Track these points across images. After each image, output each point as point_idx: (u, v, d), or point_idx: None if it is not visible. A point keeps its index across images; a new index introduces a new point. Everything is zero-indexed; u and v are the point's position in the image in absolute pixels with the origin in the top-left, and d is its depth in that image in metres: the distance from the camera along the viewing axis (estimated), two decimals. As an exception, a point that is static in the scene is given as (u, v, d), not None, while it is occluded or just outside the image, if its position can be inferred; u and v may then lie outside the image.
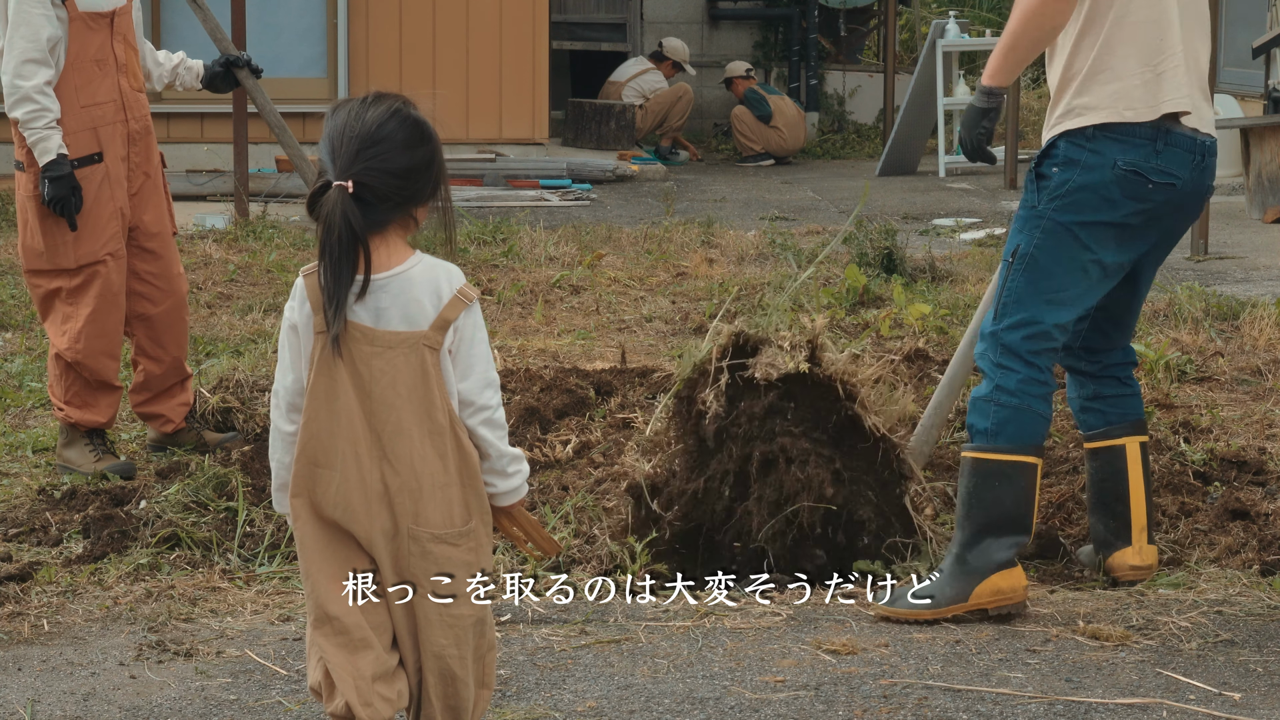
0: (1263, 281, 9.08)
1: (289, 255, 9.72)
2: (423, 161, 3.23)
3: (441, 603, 3.26)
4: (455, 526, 3.24)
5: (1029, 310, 4.41)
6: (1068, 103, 4.41)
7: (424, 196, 3.26)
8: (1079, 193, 4.37)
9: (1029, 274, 4.42)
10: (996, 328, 4.45)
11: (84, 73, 5.64)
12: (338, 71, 13.96)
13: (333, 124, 3.23)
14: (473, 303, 3.25)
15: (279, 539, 4.99)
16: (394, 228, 3.23)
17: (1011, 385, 4.39)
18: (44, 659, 4.16)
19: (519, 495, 3.34)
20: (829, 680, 3.99)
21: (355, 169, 3.17)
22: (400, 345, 3.20)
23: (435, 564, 3.24)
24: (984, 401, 4.43)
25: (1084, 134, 4.37)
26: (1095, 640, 4.25)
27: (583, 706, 3.84)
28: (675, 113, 16.21)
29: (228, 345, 7.56)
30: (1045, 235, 4.40)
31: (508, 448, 3.29)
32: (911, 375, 6.49)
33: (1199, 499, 5.23)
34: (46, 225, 5.66)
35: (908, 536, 4.78)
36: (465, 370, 3.24)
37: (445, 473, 3.22)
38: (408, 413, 3.20)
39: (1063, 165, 4.39)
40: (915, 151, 15.36)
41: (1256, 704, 3.87)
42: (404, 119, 3.23)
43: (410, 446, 3.21)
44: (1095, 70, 4.37)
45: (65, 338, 5.72)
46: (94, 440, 5.81)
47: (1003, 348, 4.42)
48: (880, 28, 19.22)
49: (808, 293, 7.98)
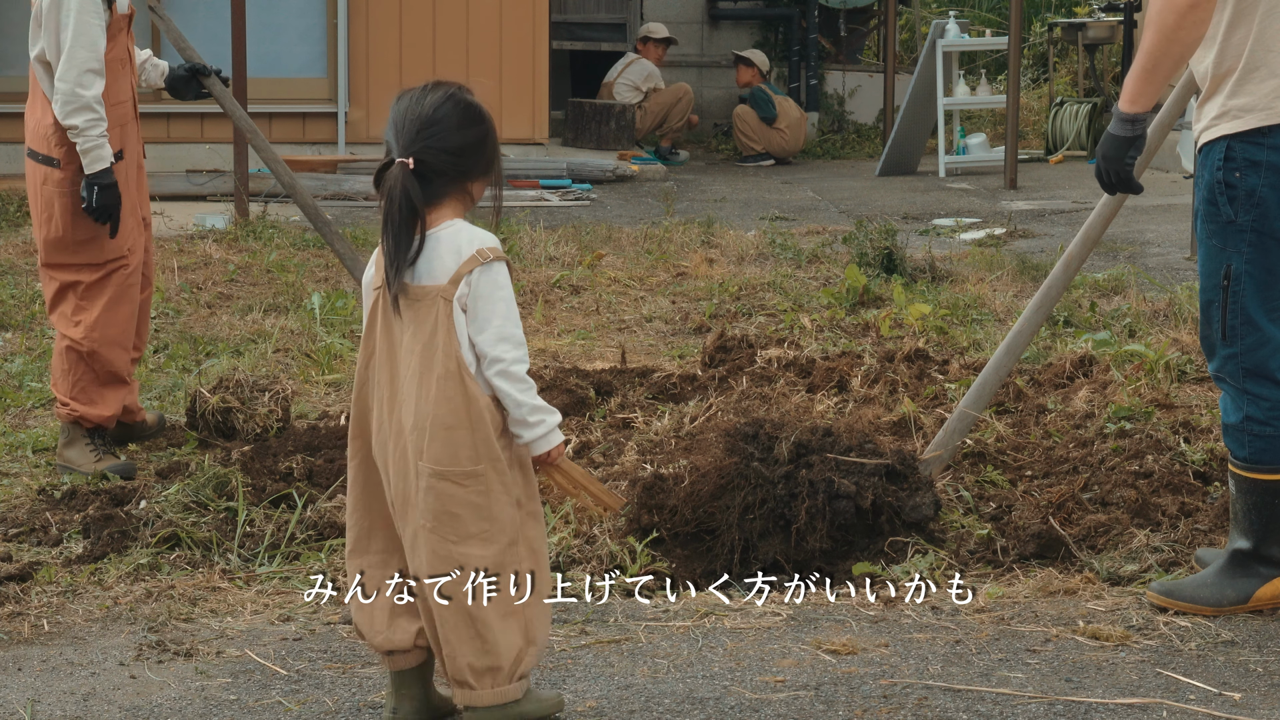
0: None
1: (289, 255, 9.72)
2: (475, 140, 3.59)
3: (447, 542, 3.52)
4: (460, 466, 3.51)
5: (1263, 328, 4.30)
6: (1222, 103, 4.25)
7: (477, 173, 3.62)
8: (1272, 195, 4.23)
9: (1250, 290, 4.29)
10: (1234, 350, 4.33)
11: (112, 73, 5.77)
12: (338, 71, 13.96)
13: (396, 109, 3.59)
14: (491, 261, 3.54)
15: (279, 539, 4.99)
16: (449, 201, 3.59)
17: (1262, 414, 4.33)
18: (44, 659, 4.16)
19: (548, 445, 3.59)
20: (829, 680, 3.99)
21: (415, 147, 3.54)
22: (424, 298, 3.54)
23: (439, 500, 3.52)
24: (1237, 430, 4.37)
25: (1259, 130, 4.21)
26: (1095, 640, 4.25)
27: (583, 706, 3.84)
28: (675, 113, 16.20)
29: (228, 345, 7.56)
30: (1254, 250, 4.27)
31: (528, 399, 3.55)
32: (911, 375, 6.49)
33: (1199, 499, 5.23)
34: (77, 222, 5.76)
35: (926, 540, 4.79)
36: (481, 324, 3.54)
37: (452, 415, 3.51)
38: (421, 359, 3.53)
39: (1245, 170, 4.23)
40: (915, 151, 15.36)
41: (1256, 704, 3.87)
42: (458, 102, 3.58)
43: (420, 389, 3.52)
44: (1250, 68, 4.22)
45: (80, 328, 5.80)
46: (95, 440, 5.83)
47: (1246, 372, 4.33)
48: (880, 28, 19.21)
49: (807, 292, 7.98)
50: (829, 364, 6.55)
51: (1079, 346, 7.00)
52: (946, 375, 6.53)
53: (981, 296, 8.45)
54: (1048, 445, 5.71)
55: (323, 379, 6.97)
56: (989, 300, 8.39)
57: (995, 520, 5.10)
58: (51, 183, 5.74)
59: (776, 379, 6.44)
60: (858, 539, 4.84)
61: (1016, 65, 13.72)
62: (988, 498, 5.28)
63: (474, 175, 3.61)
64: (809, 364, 6.61)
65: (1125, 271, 9.03)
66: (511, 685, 3.57)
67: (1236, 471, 4.41)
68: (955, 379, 6.44)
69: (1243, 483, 4.41)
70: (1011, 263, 9.37)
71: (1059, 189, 13.62)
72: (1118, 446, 5.60)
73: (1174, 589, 4.43)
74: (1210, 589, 4.41)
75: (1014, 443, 5.73)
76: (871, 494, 4.80)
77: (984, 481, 5.41)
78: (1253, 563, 4.41)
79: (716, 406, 6.03)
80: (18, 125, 6.57)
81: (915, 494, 4.90)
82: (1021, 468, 5.54)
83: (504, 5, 14.12)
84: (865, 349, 7.06)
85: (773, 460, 4.86)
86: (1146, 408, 6.00)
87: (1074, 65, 18.88)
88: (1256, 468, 4.37)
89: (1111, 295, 8.50)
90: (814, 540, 4.75)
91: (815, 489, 4.76)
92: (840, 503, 4.78)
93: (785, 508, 4.77)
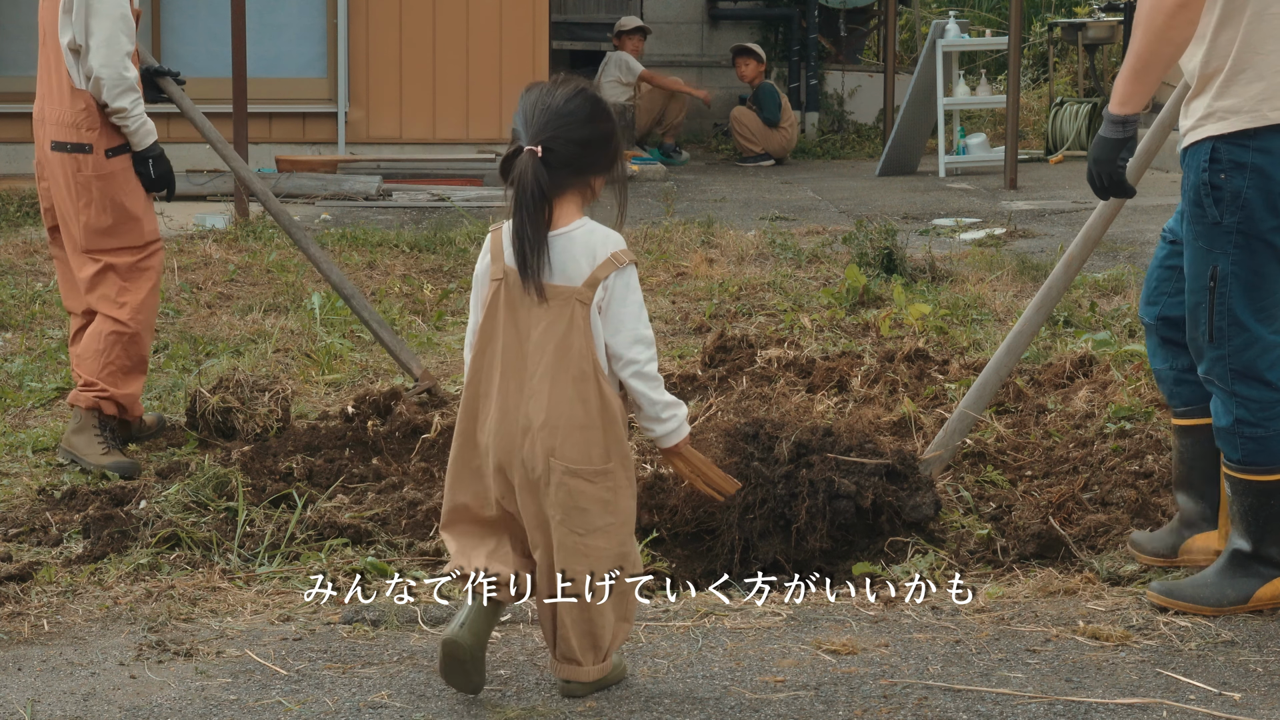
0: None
1: (289, 255, 9.71)
2: (602, 135, 3.70)
3: (574, 534, 3.68)
4: (592, 464, 3.68)
5: (1250, 328, 4.29)
6: (1209, 104, 4.25)
7: (601, 167, 3.72)
8: (1258, 196, 4.22)
9: (1237, 292, 4.28)
10: (1222, 352, 4.32)
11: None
12: (338, 71, 13.95)
13: (526, 100, 3.70)
14: (625, 265, 3.66)
15: (279, 539, 4.99)
16: (572, 192, 3.69)
17: (1253, 416, 4.32)
18: (44, 659, 4.16)
19: (677, 438, 3.78)
20: (829, 680, 3.99)
21: (543, 136, 3.63)
22: (556, 298, 3.64)
23: (570, 496, 3.67)
24: (1229, 433, 4.36)
25: (1244, 132, 4.21)
26: (1095, 640, 4.25)
27: (583, 706, 3.84)
28: (673, 109, 16.17)
29: (228, 345, 7.56)
30: (1240, 250, 4.26)
31: (660, 396, 3.72)
32: (911, 375, 6.49)
33: (1199, 499, 5.23)
34: (116, 204, 5.91)
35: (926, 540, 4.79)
36: (615, 327, 3.66)
37: (586, 415, 3.66)
38: (555, 358, 3.64)
39: (1230, 172, 4.23)
40: (915, 151, 15.36)
41: (1256, 704, 3.87)
42: (588, 97, 3.70)
43: (554, 389, 3.64)
44: (1237, 69, 4.21)
45: (126, 309, 5.93)
46: (105, 433, 5.88)
47: (1234, 373, 4.32)
48: (880, 28, 19.21)
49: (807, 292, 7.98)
50: (829, 364, 6.55)
51: (1079, 346, 7.00)
52: (946, 375, 6.53)
53: (981, 296, 8.45)
54: (1048, 445, 5.71)
55: (323, 379, 6.97)
56: (989, 300, 8.39)
57: (995, 520, 5.10)
58: (87, 169, 5.86)
59: (776, 379, 6.44)
60: (858, 539, 4.84)
61: (1016, 65, 13.72)
62: (988, 498, 5.28)
63: (597, 169, 3.71)
64: (809, 364, 6.61)
65: (1125, 271, 9.03)
66: (607, 662, 3.84)
67: (1231, 474, 4.41)
68: (955, 379, 6.44)
69: (1237, 485, 4.41)
70: (1011, 263, 9.37)
71: (1059, 189, 13.62)
72: (1118, 446, 5.60)
73: (1174, 589, 4.43)
74: (1210, 589, 4.41)
75: (1014, 443, 5.73)
76: (872, 494, 4.81)
77: (984, 481, 5.41)
78: (1252, 563, 4.41)
79: (716, 406, 6.03)
80: (17, 125, 6.56)
81: (915, 494, 4.90)
82: (1021, 468, 5.54)
83: (504, 5, 14.12)
84: (865, 349, 7.06)
85: (773, 460, 4.86)
86: (1146, 408, 6.00)
87: (1074, 65, 18.88)
88: (1250, 469, 4.37)
89: (1111, 295, 8.51)
90: (814, 540, 4.75)
91: (815, 488, 4.76)
92: (840, 502, 4.78)
93: (785, 507, 4.77)
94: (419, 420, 5.94)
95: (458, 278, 9.23)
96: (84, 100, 5.83)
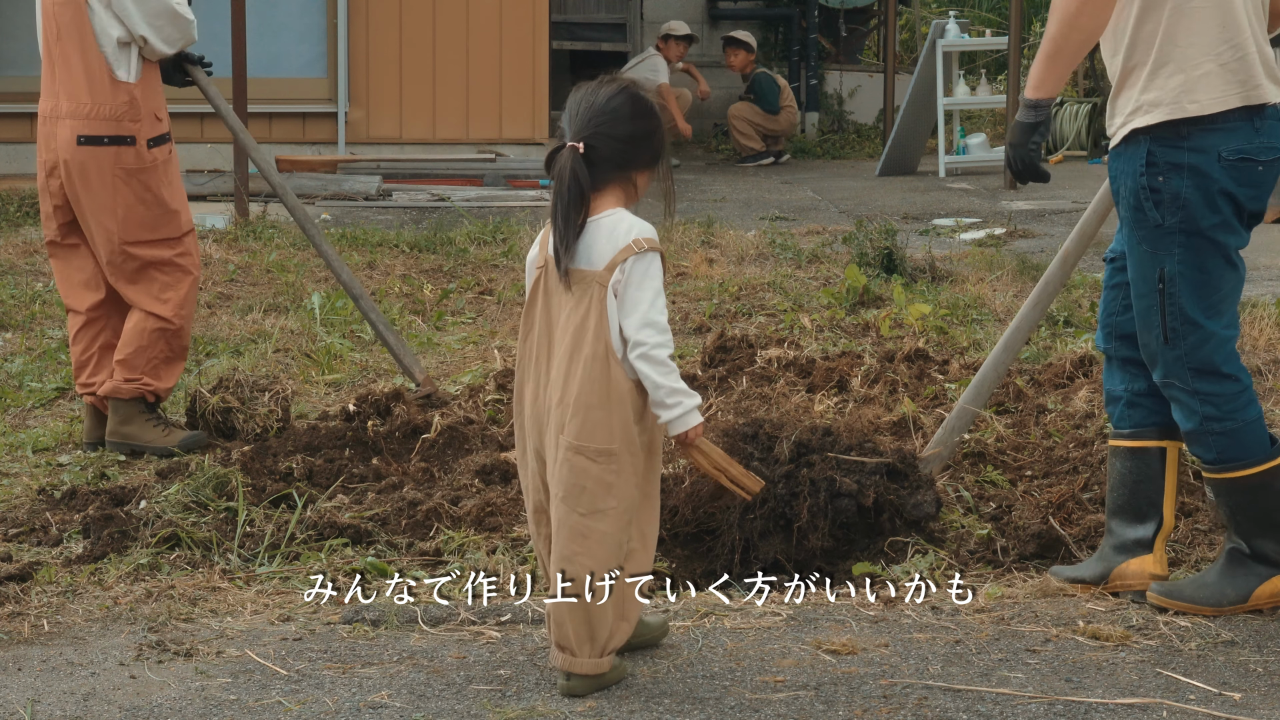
0: (1263, 281, 9.08)
1: (289, 255, 9.72)
2: (644, 132, 3.83)
3: (575, 513, 3.76)
4: (595, 444, 3.75)
5: (1203, 325, 4.29)
6: (1135, 98, 4.27)
7: (642, 164, 3.85)
8: (1196, 196, 4.24)
9: (1186, 291, 4.29)
10: (1179, 352, 4.32)
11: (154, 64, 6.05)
12: (338, 71, 13.95)
13: (572, 100, 3.82)
14: (645, 251, 3.76)
15: (279, 539, 4.99)
16: (612, 187, 3.82)
17: (1219, 411, 4.32)
18: (44, 659, 4.16)
19: (684, 426, 3.80)
20: (829, 680, 3.99)
21: (585, 133, 3.77)
22: (581, 282, 3.77)
23: (573, 473, 3.76)
24: (1199, 434, 4.34)
25: (1176, 131, 4.23)
26: (1095, 640, 4.25)
27: (583, 706, 3.84)
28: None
29: (228, 345, 7.56)
30: (1185, 250, 4.27)
31: (667, 381, 3.75)
32: (911, 375, 6.49)
33: (1199, 499, 5.23)
34: (156, 196, 5.96)
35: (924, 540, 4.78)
36: (629, 309, 3.75)
37: (595, 395, 3.75)
38: (574, 340, 3.76)
39: (1168, 173, 4.24)
40: (915, 151, 15.36)
41: (1256, 704, 3.87)
42: (631, 96, 3.83)
43: (570, 369, 3.76)
44: (1159, 63, 4.24)
45: (169, 305, 5.99)
46: (154, 414, 6.00)
47: (1193, 371, 4.31)
48: (880, 28, 19.22)
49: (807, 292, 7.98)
50: (829, 364, 6.55)
51: (1079, 346, 7.00)
52: (946, 375, 6.53)
53: (981, 296, 8.45)
54: (1048, 445, 5.71)
55: (323, 379, 6.97)
56: (989, 300, 8.39)
57: (995, 520, 5.10)
58: (127, 161, 5.90)
59: (776, 379, 6.44)
60: (859, 538, 4.84)
61: (1016, 65, 13.72)
62: (988, 498, 5.28)
63: (639, 165, 3.85)
64: (809, 364, 6.61)
65: (1125, 271, 9.02)
66: (603, 659, 3.85)
67: (1211, 477, 4.39)
68: (955, 379, 6.44)
69: (1219, 486, 4.39)
70: (1011, 263, 9.37)
71: (1059, 189, 13.62)
72: (1118, 446, 5.60)
73: (1174, 590, 4.43)
74: (1210, 589, 4.41)
75: (1014, 443, 5.73)
76: (873, 492, 4.80)
77: (984, 481, 5.41)
78: (1249, 561, 4.41)
79: (716, 406, 6.03)
80: (17, 125, 6.57)
81: (916, 492, 4.90)
82: (1021, 468, 5.54)
83: (504, 5, 14.12)
84: (865, 349, 7.06)
85: (772, 460, 4.86)
86: (1146, 408, 5.99)
87: (1074, 65, 18.87)
88: (1226, 467, 4.35)
89: (1111, 295, 8.50)
90: (816, 539, 4.75)
91: (817, 487, 4.76)
92: (842, 501, 4.78)
93: (786, 507, 4.77)
94: (419, 420, 5.94)
95: (457, 278, 9.23)
96: (127, 93, 5.88)
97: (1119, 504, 4.58)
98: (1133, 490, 4.55)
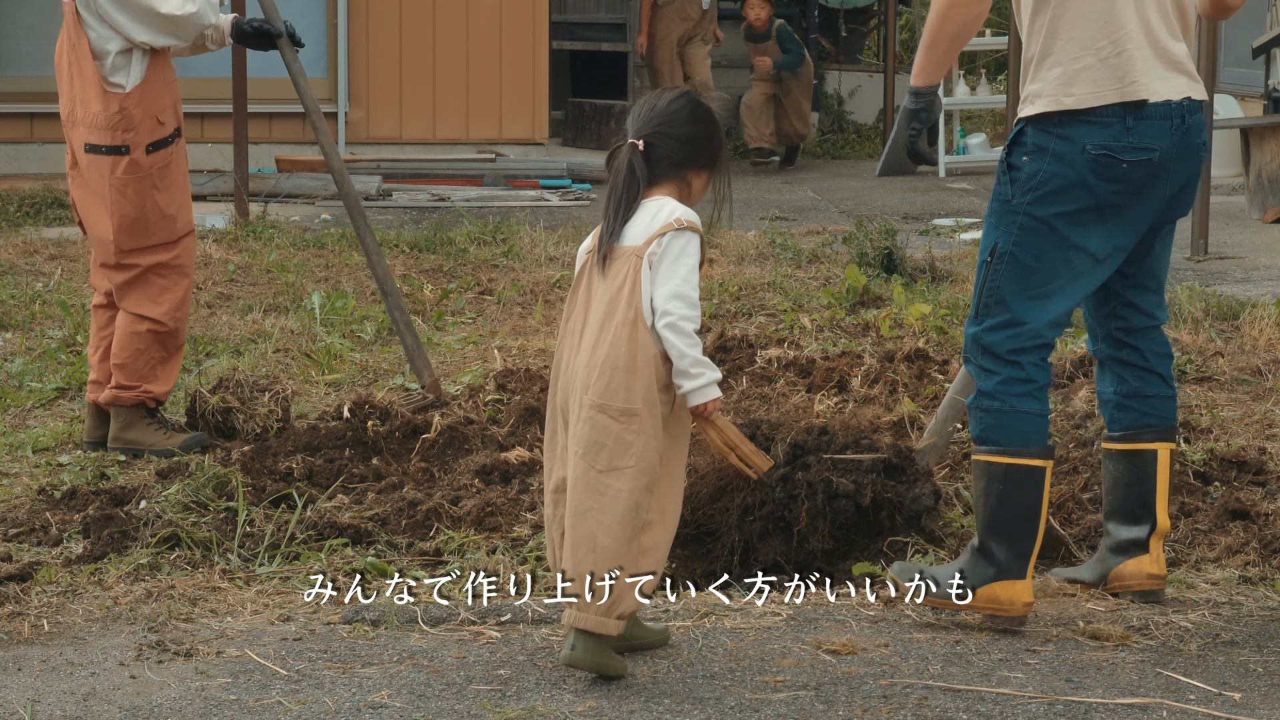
0: (1263, 281, 9.08)
1: (289, 255, 9.72)
2: (702, 134, 4.03)
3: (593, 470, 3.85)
4: (618, 403, 3.86)
5: (1013, 310, 4.31)
6: (1025, 89, 4.35)
7: (699, 164, 4.04)
8: (1052, 182, 4.26)
9: (1010, 272, 4.31)
10: (978, 329, 4.35)
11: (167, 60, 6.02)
12: (338, 71, 13.95)
13: (637, 105, 4.05)
14: (683, 229, 3.94)
15: (279, 539, 4.99)
16: (667, 184, 4.02)
17: (990, 388, 4.32)
18: (44, 659, 4.16)
19: (704, 397, 3.91)
20: (829, 680, 4.00)
21: (645, 132, 3.98)
22: (623, 257, 3.94)
23: (594, 430, 3.87)
24: (971, 408, 4.37)
25: (1052, 119, 4.27)
26: (1095, 640, 4.25)
27: (583, 706, 3.84)
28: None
29: (228, 345, 7.56)
30: (1023, 231, 4.30)
31: (691, 350, 3.89)
32: (911, 375, 6.49)
33: (1199, 499, 5.23)
34: (152, 203, 5.93)
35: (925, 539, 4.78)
36: (662, 280, 3.90)
37: (620, 358, 3.87)
38: (608, 308, 3.91)
39: (1033, 154, 4.29)
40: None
41: (1256, 704, 3.88)
42: (692, 101, 4.06)
43: (601, 334, 3.90)
44: (1043, 55, 4.30)
45: (164, 308, 5.98)
46: (156, 418, 6.00)
47: (983, 349, 4.34)
48: (880, 28, 19.22)
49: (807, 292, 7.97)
50: (829, 364, 6.55)
51: (1078, 347, 7.00)
52: (946, 375, 6.53)
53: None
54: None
55: (323, 379, 6.97)
56: (989, 300, 8.37)
57: (995, 520, 5.09)
58: (122, 170, 5.88)
59: (776, 379, 6.44)
60: (859, 538, 4.83)
61: (1016, 65, 13.72)
62: (988, 498, 5.28)
63: (695, 165, 4.03)
64: (809, 364, 6.61)
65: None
66: (611, 620, 3.87)
67: (976, 457, 4.37)
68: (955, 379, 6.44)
69: (974, 467, 4.37)
70: (1011, 263, 9.35)
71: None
72: (1118, 446, 5.59)
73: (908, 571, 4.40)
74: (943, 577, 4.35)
75: (1014, 443, 5.72)
76: (871, 490, 4.80)
77: (984, 481, 5.40)
78: (979, 557, 4.34)
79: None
80: (17, 125, 6.58)
81: (914, 486, 4.90)
82: (1021, 468, 5.53)
83: (504, 5, 14.12)
84: (865, 349, 7.06)
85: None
86: (1146, 408, 5.99)
87: (1074, 65, 18.87)
88: (983, 449, 4.32)
89: (1111, 295, 8.49)
90: (816, 541, 4.75)
91: (814, 490, 4.76)
92: (840, 502, 4.77)
93: (785, 509, 4.76)
94: (419, 420, 5.94)
95: (457, 278, 9.23)
96: (117, 102, 5.85)
97: (1114, 506, 4.57)
98: (1126, 492, 4.54)
